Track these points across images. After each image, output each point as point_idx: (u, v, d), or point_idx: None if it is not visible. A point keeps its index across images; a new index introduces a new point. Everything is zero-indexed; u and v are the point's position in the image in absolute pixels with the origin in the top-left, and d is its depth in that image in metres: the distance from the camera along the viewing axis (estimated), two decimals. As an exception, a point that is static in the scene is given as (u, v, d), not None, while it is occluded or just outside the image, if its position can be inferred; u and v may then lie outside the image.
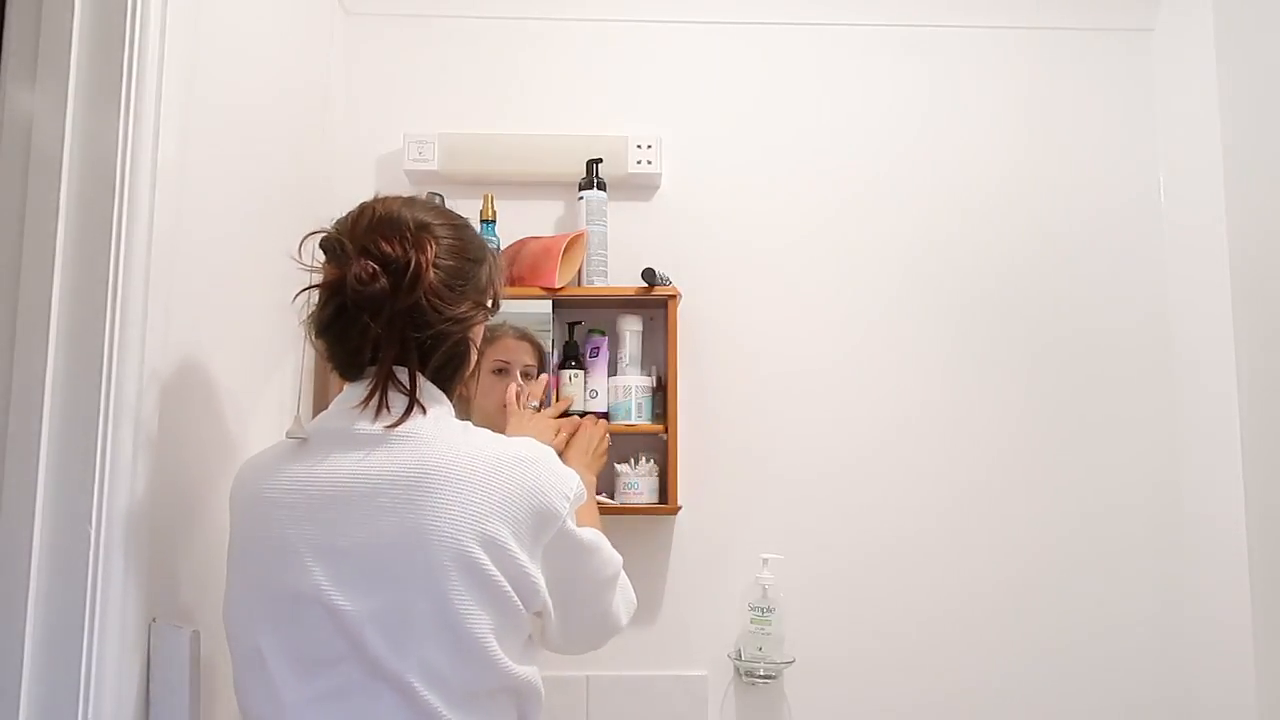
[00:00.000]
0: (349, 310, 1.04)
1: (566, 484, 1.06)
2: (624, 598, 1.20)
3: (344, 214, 1.10)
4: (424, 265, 1.03)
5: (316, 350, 1.11)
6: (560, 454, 1.20)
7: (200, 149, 1.27)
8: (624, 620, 1.20)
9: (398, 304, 1.03)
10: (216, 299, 1.34)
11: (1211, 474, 1.82)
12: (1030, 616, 1.90)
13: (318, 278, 1.08)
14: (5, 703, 1.01)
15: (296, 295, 1.10)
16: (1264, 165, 1.72)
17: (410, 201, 1.11)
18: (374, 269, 1.02)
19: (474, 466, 1.00)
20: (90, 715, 1.03)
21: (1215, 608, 1.81)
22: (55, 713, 1.02)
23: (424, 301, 1.04)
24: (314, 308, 1.08)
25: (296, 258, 1.08)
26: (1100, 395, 1.95)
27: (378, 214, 1.07)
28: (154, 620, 1.13)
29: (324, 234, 1.08)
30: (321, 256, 1.08)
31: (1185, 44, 1.92)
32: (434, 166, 1.92)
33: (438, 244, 1.06)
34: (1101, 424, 1.94)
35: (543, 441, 1.14)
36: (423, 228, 1.06)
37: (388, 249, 1.03)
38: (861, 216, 1.98)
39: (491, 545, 0.98)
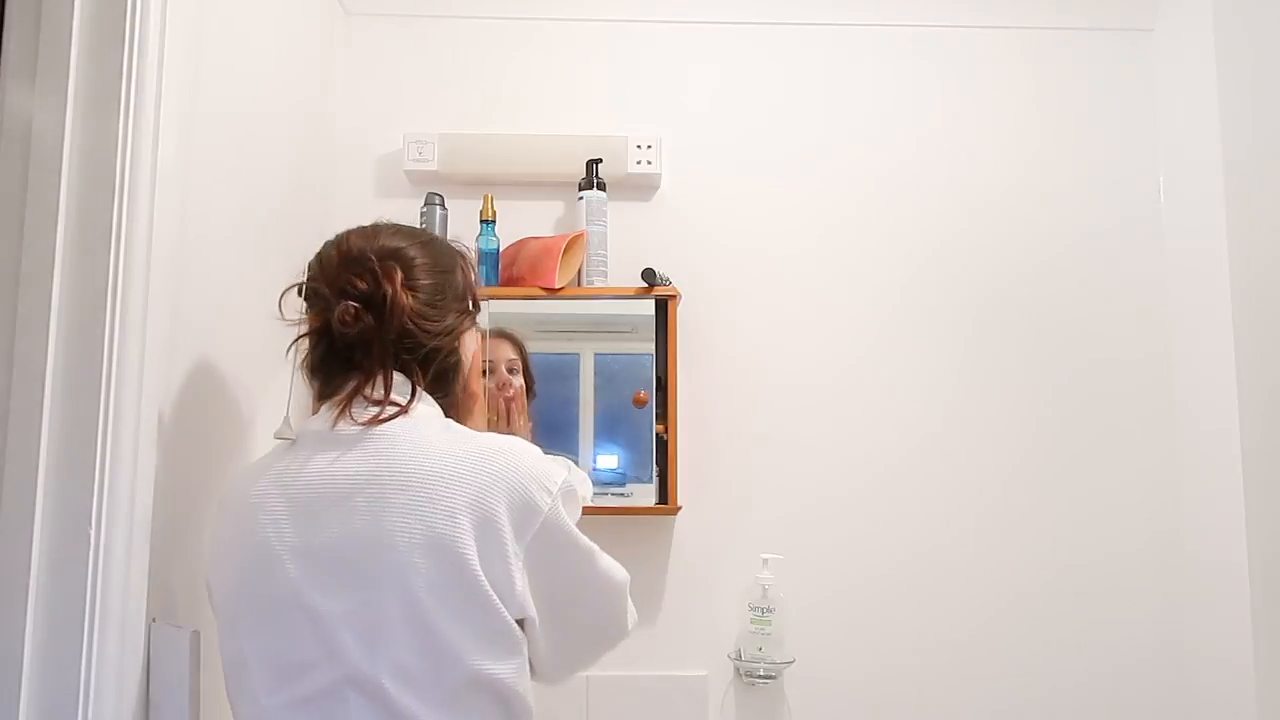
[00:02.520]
0: (340, 350, 1.07)
1: (549, 476, 1.04)
2: (630, 604, 1.18)
3: (313, 259, 1.14)
4: (396, 293, 1.06)
5: (312, 389, 1.13)
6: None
7: (200, 149, 1.27)
8: (628, 626, 1.17)
9: (385, 335, 1.06)
10: (217, 298, 1.35)
11: (1210, 475, 1.82)
12: (1031, 619, 1.89)
13: (304, 325, 1.11)
14: (5, 703, 1.01)
15: (288, 350, 1.13)
16: (1264, 165, 1.72)
17: (374, 232, 1.13)
18: (355, 309, 1.05)
19: (448, 461, 1.00)
20: (90, 715, 1.03)
21: (1215, 627, 1.80)
22: (55, 713, 1.02)
23: (409, 325, 1.07)
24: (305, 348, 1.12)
25: (280, 315, 1.12)
26: (1100, 397, 1.95)
27: (343, 253, 1.10)
28: (154, 620, 1.13)
29: (301, 285, 1.12)
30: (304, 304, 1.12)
31: (1185, 44, 1.92)
32: (434, 166, 1.92)
33: (408, 266, 1.09)
34: (1102, 428, 1.94)
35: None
36: (387, 256, 1.09)
37: (361, 285, 1.06)
38: (861, 215, 1.98)
39: (467, 538, 0.97)
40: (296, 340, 1.11)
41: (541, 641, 1.06)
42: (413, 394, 1.06)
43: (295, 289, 1.13)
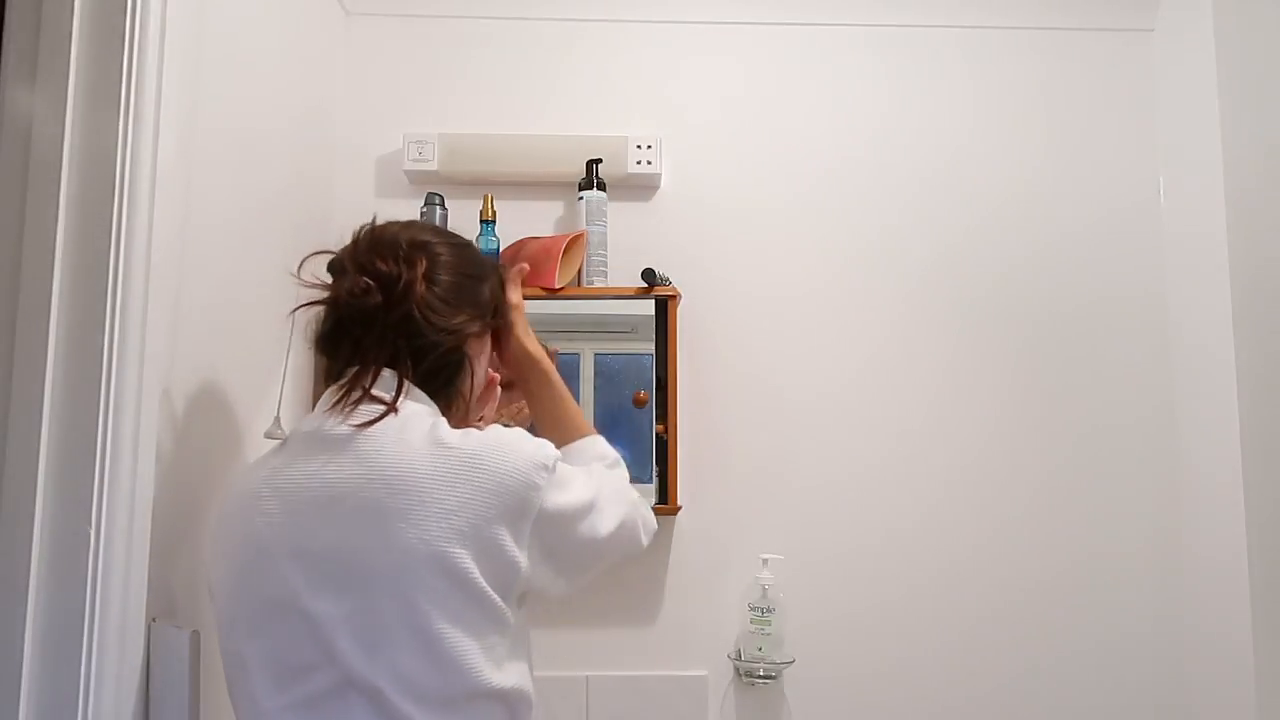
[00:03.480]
0: (344, 323, 1.08)
1: (539, 463, 1.03)
2: (644, 519, 1.18)
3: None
4: (415, 280, 1.08)
5: (319, 366, 1.13)
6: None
7: (200, 148, 1.27)
8: (644, 543, 1.18)
9: (390, 316, 1.07)
10: (217, 298, 1.34)
11: (1210, 476, 1.82)
12: (1031, 618, 1.89)
13: (313, 294, 1.11)
14: (5, 703, 1.01)
15: (294, 310, 1.13)
16: (1264, 165, 1.73)
17: (410, 224, 1.17)
18: (367, 283, 1.07)
19: (437, 464, 1.00)
20: (90, 715, 1.03)
21: (1214, 614, 1.81)
22: (55, 713, 1.02)
23: (415, 314, 1.08)
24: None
25: (295, 275, 1.11)
26: (1100, 397, 1.95)
27: (375, 235, 1.13)
28: (154, 620, 1.13)
29: (329, 255, 1.13)
30: (328, 277, 1.12)
31: (1185, 44, 1.92)
32: (434, 166, 1.92)
33: (433, 261, 1.11)
34: (1102, 427, 1.94)
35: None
36: (417, 246, 1.11)
37: (382, 266, 1.08)
38: (860, 215, 1.98)
39: (460, 541, 0.97)
40: (301, 306, 1.12)
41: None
42: (399, 390, 1.06)
43: (322, 256, 1.13)
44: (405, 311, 1.07)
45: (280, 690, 0.99)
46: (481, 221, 1.87)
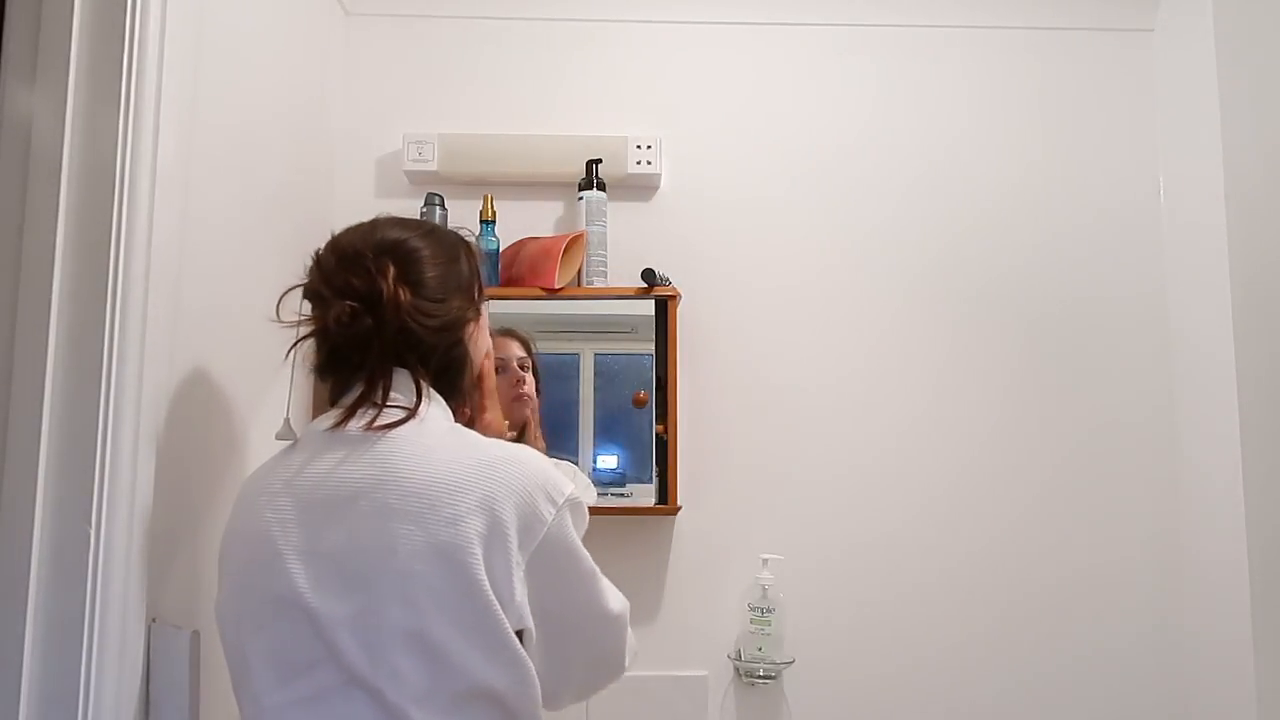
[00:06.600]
0: (341, 350, 1.06)
1: (556, 487, 1.03)
2: (630, 635, 1.15)
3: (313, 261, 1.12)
4: (391, 290, 1.05)
5: (324, 390, 1.12)
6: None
7: (200, 149, 1.27)
8: (626, 661, 1.14)
9: (385, 334, 1.05)
10: (217, 299, 1.34)
11: (1210, 476, 1.82)
12: (1030, 618, 1.89)
13: (305, 327, 1.09)
14: (5, 703, 1.01)
15: (287, 352, 1.11)
16: (1264, 165, 1.72)
17: (372, 227, 1.12)
18: (352, 308, 1.04)
19: (454, 468, 1.00)
20: (90, 715, 1.03)
21: (1214, 616, 1.80)
22: (55, 712, 1.02)
23: (410, 324, 1.05)
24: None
25: (276, 318, 1.10)
26: (1099, 398, 1.95)
27: (339, 251, 1.09)
28: (154, 620, 1.13)
29: (303, 286, 1.10)
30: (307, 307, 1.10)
31: (1185, 44, 1.92)
32: (434, 166, 1.92)
33: (407, 260, 1.08)
34: (1101, 428, 1.94)
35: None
36: (383, 251, 1.07)
37: (357, 283, 1.05)
38: (862, 216, 1.98)
39: (471, 545, 0.96)
40: (297, 343, 1.10)
41: (540, 662, 1.04)
42: (418, 394, 1.05)
43: (299, 290, 1.11)
44: (398, 325, 1.05)
45: (282, 686, 0.99)
46: (481, 221, 1.87)
